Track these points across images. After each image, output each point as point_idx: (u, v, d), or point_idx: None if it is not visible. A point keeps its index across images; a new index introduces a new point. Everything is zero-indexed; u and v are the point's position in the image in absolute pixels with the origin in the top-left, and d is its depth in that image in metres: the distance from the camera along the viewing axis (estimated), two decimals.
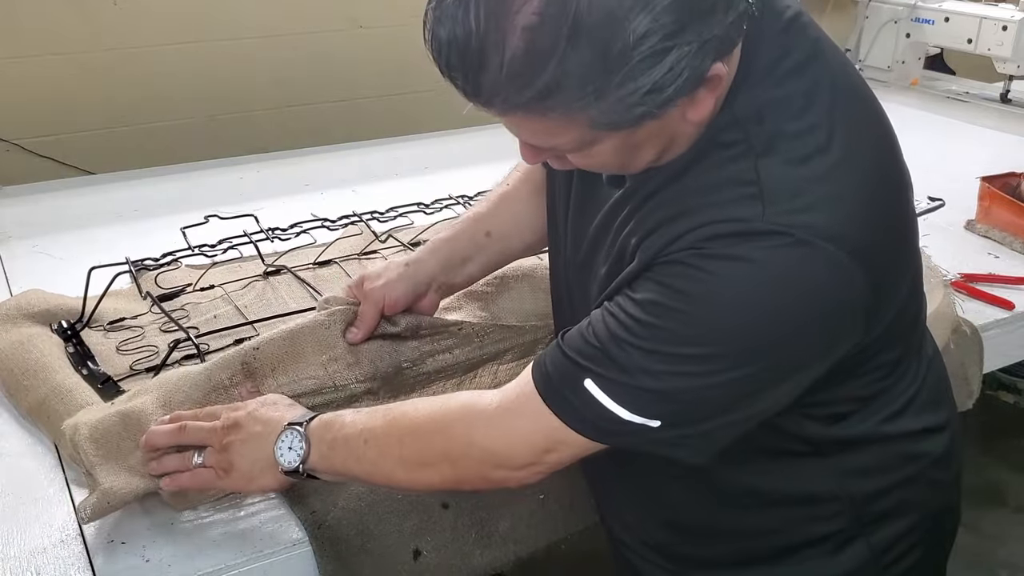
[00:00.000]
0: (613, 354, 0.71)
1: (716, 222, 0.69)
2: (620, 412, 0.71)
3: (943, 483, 0.89)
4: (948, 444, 0.88)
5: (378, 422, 0.84)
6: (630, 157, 0.73)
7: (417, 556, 0.90)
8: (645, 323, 0.70)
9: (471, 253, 1.06)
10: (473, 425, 0.79)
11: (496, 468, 0.80)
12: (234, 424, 0.88)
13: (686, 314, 0.69)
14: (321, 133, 2.34)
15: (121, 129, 2.25)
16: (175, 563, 0.85)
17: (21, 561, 0.85)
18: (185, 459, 0.88)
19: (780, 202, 0.68)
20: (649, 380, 0.70)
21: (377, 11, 2.47)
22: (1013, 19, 2.09)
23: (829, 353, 0.74)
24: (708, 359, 0.69)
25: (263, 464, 0.86)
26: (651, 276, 0.72)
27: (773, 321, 0.69)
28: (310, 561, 0.88)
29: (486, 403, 0.79)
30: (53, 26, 2.11)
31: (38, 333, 1.14)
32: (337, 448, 0.84)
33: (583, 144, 0.69)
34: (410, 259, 1.05)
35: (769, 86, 0.72)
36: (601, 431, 0.74)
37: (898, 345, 0.81)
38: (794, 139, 0.70)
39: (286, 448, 0.85)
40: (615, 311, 0.72)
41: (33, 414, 1.04)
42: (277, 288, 1.31)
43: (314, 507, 0.92)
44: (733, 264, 0.68)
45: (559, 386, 0.74)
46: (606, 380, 0.71)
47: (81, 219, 1.62)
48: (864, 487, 0.83)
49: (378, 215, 1.48)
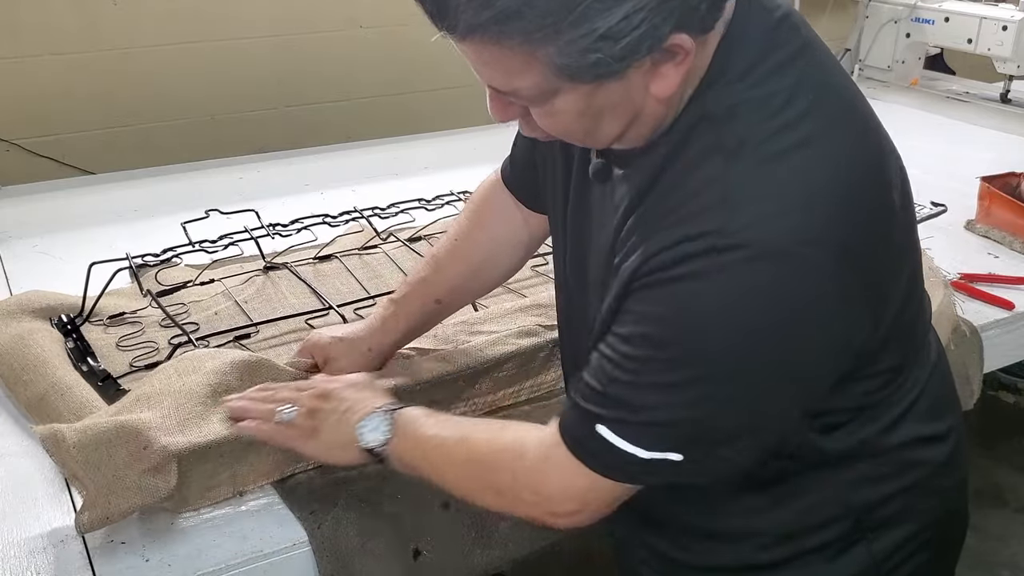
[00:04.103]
0: (612, 395, 0.71)
1: (684, 240, 0.67)
2: (637, 452, 0.71)
3: (947, 490, 0.87)
4: (951, 452, 0.87)
5: (450, 430, 0.86)
6: (593, 124, 0.71)
7: (417, 556, 0.90)
8: (632, 357, 0.70)
9: (424, 323, 1.08)
10: (518, 473, 0.80)
11: (541, 511, 0.80)
12: (326, 394, 0.91)
13: (667, 340, 0.69)
14: (321, 133, 2.35)
15: (121, 129, 2.25)
16: (175, 563, 0.85)
17: (21, 561, 0.85)
18: (270, 413, 0.90)
19: (749, 207, 0.67)
20: (652, 414, 0.70)
21: (377, 11, 2.47)
22: (1013, 19, 2.09)
23: (840, 355, 0.72)
24: (699, 382, 0.69)
25: (345, 439, 0.88)
26: (629, 306, 0.71)
27: (753, 335, 0.67)
28: (310, 561, 0.88)
29: (529, 444, 0.80)
30: (53, 26, 2.11)
31: (38, 328, 1.14)
32: (412, 442, 0.86)
33: (542, 93, 0.69)
34: (368, 330, 1.06)
35: (747, 85, 0.70)
36: (628, 474, 0.74)
37: (897, 350, 0.79)
38: (767, 139, 0.68)
39: (372, 428, 0.87)
40: (606, 351, 0.72)
41: (32, 410, 1.04)
42: (277, 283, 1.31)
43: (314, 507, 0.92)
44: (702, 283, 0.67)
45: (579, 436, 0.74)
46: (615, 423, 0.71)
47: (81, 219, 1.62)
48: (864, 495, 0.82)
49: (379, 211, 1.48)
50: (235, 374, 0.99)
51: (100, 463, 0.86)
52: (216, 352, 1.04)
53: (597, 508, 0.78)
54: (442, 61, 2.65)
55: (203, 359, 1.01)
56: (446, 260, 1.07)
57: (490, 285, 1.12)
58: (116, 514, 0.85)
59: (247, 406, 0.93)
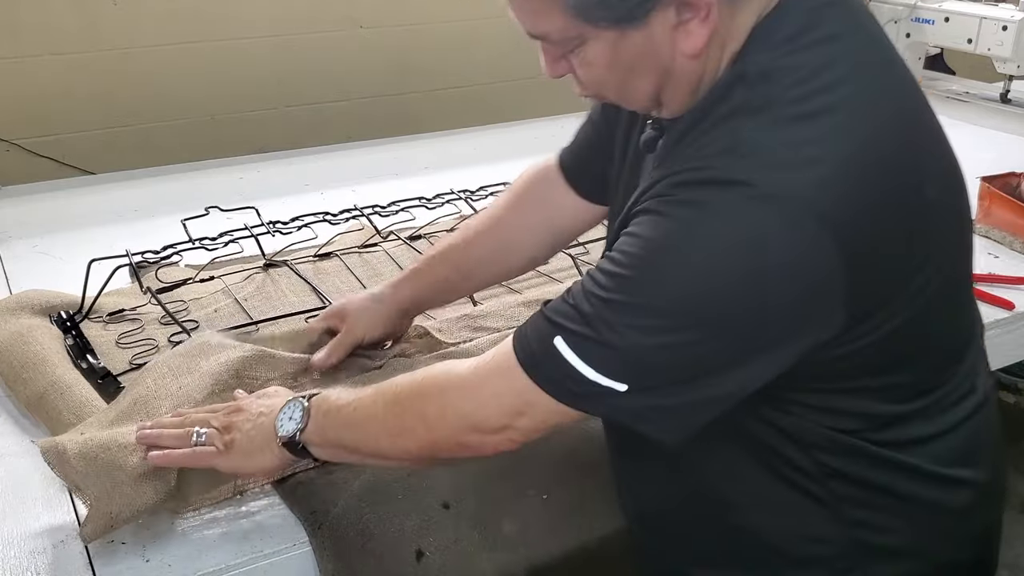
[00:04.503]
0: (581, 308, 0.71)
1: (686, 170, 0.69)
2: (585, 371, 0.70)
3: (964, 537, 0.83)
4: (973, 501, 0.82)
5: (366, 392, 0.86)
6: (625, 77, 0.74)
7: (420, 557, 0.90)
8: (609, 273, 0.70)
9: (443, 290, 1.12)
10: (447, 388, 0.80)
11: (469, 431, 0.79)
12: (237, 408, 0.91)
13: (644, 262, 0.69)
14: (321, 133, 2.35)
15: (121, 129, 2.25)
16: (175, 563, 0.85)
17: (21, 561, 0.85)
18: (184, 437, 0.88)
19: (755, 157, 0.67)
20: (609, 334, 0.69)
21: (377, 11, 2.47)
22: (1013, 19, 2.09)
23: (796, 333, 0.70)
24: (661, 312, 0.68)
25: (262, 441, 0.87)
26: (626, 230, 0.72)
27: (724, 275, 0.67)
28: (310, 561, 0.88)
29: (461, 368, 0.80)
30: (53, 26, 2.11)
31: (38, 325, 1.14)
32: (330, 416, 0.85)
33: (569, 39, 0.72)
34: (385, 291, 1.10)
35: (786, 52, 0.71)
36: (569, 392, 0.73)
37: (908, 369, 0.76)
38: (790, 104, 0.69)
39: (286, 419, 0.86)
40: (592, 269, 0.73)
41: (32, 408, 1.04)
42: (277, 281, 1.31)
43: (314, 507, 0.91)
44: (690, 209, 0.68)
45: (532, 346, 0.74)
46: (573, 335, 0.71)
47: (81, 219, 1.62)
48: (863, 519, 0.79)
49: (379, 209, 1.48)
50: (230, 372, 0.99)
51: (100, 471, 0.86)
52: (208, 347, 1.03)
53: (527, 427, 0.77)
54: (442, 61, 2.66)
55: (196, 357, 1.01)
56: (475, 234, 1.09)
57: (514, 269, 1.14)
58: (119, 521, 0.85)
59: (158, 435, 0.89)
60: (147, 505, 0.86)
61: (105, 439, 0.89)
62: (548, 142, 2.12)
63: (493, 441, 0.79)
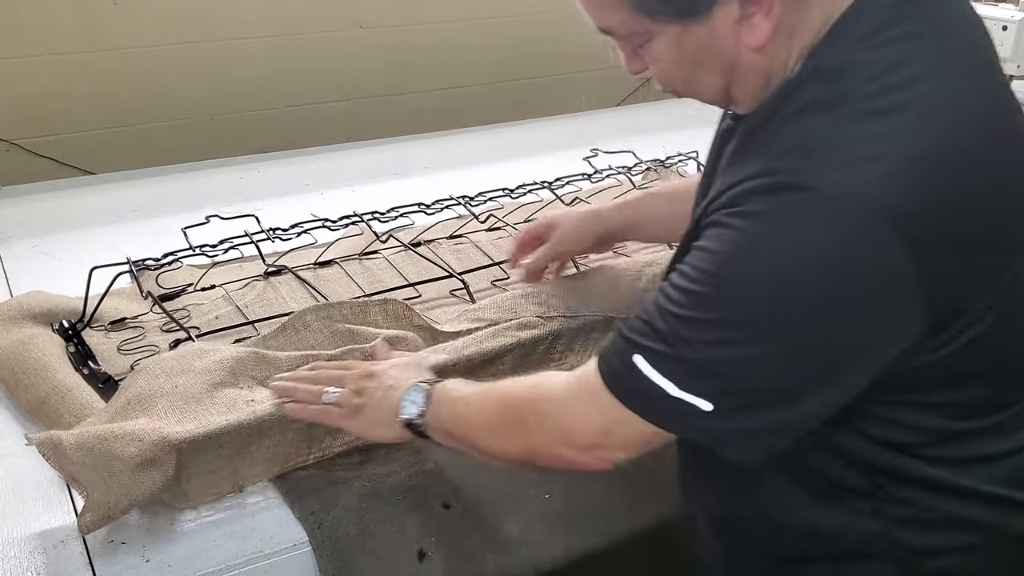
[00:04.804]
0: (656, 325, 0.71)
1: (755, 177, 0.68)
2: (667, 387, 0.70)
3: (1020, 564, 0.79)
4: None
5: (477, 388, 0.89)
6: (691, 72, 0.75)
7: (422, 557, 0.90)
8: (682, 289, 0.70)
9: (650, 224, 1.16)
10: (544, 400, 0.82)
11: (563, 446, 0.80)
12: (371, 374, 0.95)
13: (714, 276, 0.69)
14: (321, 133, 2.35)
15: (121, 129, 2.25)
16: (175, 563, 0.85)
17: (21, 561, 0.85)
18: (317, 394, 0.94)
19: (822, 155, 0.66)
20: (687, 350, 0.69)
21: (377, 11, 2.47)
22: (1013, 19, 2.09)
23: (876, 338, 0.68)
24: (733, 326, 0.68)
25: (388, 414, 0.91)
26: (696, 243, 0.72)
27: (795, 284, 0.66)
28: (310, 561, 0.89)
29: (557, 381, 0.82)
30: (53, 26, 2.10)
31: (39, 333, 1.14)
32: (446, 407, 0.89)
33: (633, 34, 0.74)
34: (602, 210, 1.19)
35: (862, 48, 0.70)
36: (653, 410, 0.73)
37: (984, 383, 0.73)
38: (863, 99, 0.68)
39: (409, 402, 0.90)
40: (664, 285, 0.73)
41: (33, 413, 1.04)
42: (278, 288, 1.31)
43: (314, 507, 0.92)
44: (757, 220, 0.67)
45: (614, 363, 0.75)
46: (652, 353, 0.71)
47: (81, 219, 1.62)
48: (914, 539, 0.76)
49: (379, 215, 1.48)
50: (225, 371, 0.99)
51: (97, 462, 0.86)
52: (202, 350, 1.04)
53: (619, 446, 0.78)
54: (442, 61, 2.66)
55: (190, 359, 1.01)
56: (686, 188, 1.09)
57: None
58: (117, 511, 0.85)
59: (293, 387, 0.95)
60: (145, 495, 0.86)
61: (102, 430, 0.89)
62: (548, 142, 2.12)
63: (585, 459, 0.80)
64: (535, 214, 1.53)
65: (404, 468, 0.98)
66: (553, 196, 1.56)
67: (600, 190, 1.63)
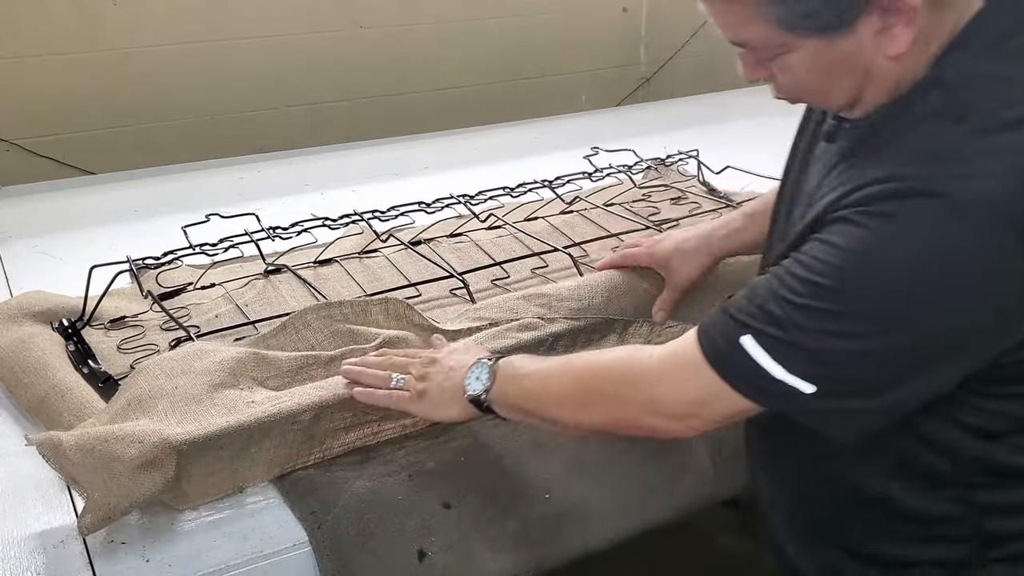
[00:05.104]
0: (770, 310, 0.74)
1: (882, 180, 0.71)
2: (774, 369, 0.73)
3: None
4: None
5: (546, 363, 0.92)
6: (825, 81, 0.76)
7: (422, 557, 0.90)
8: (803, 279, 0.73)
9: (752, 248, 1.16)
10: (635, 373, 0.85)
11: (652, 415, 0.84)
12: (432, 360, 0.99)
13: (840, 271, 0.71)
14: (321, 133, 2.35)
15: (121, 129, 2.26)
16: (175, 563, 0.85)
17: (21, 561, 0.85)
18: (385, 379, 0.98)
19: (959, 166, 0.68)
20: (802, 337, 0.72)
21: (377, 11, 2.48)
22: None
23: (986, 339, 0.72)
24: (857, 319, 0.71)
25: (452, 394, 0.95)
26: (818, 236, 0.74)
27: (917, 283, 0.69)
28: (310, 561, 0.88)
29: (647, 355, 0.85)
30: (53, 26, 2.11)
31: (39, 332, 1.14)
32: (513, 382, 0.92)
33: (770, 47, 0.75)
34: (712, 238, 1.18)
35: (992, 59, 0.72)
36: (753, 388, 0.76)
37: None
38: (995, 111, 0.70)
39: (474, 379, 0.94)
40: (779, 271, 0.75)
41: (33, 412, 1.04)
42: (278, 287, 1.31)
43: (314, 507, 0.91)
44: (887, 221, 0.69)
45: (718, 342, 0.77)
46: (762, 335, 0.74)
47: (81, 219, 1.62)
48: (997, 524, 0.80)
49: (379, 214, 1.48)
50: (225, 372, 0.99)
51: (97, 463, 0.86)
52: (202, 351, 1.03)
53: (710, 417, 0.81)
54: (442, 61, 2.66)
55: (190, 360, 1.01)
56: None
57: None
58: (117, 512, 0.85)
59: (360, 372, 0.99)
60: (145, 496, 0.86)
61: (102, 431, 0.89)
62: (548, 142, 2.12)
63: (675, 427, 0.84)
64: (535, 213, 1.53)
65: (404, 468, 0.98)
66: (553, 195, 1.56)
67: (600, 189, 1.63)
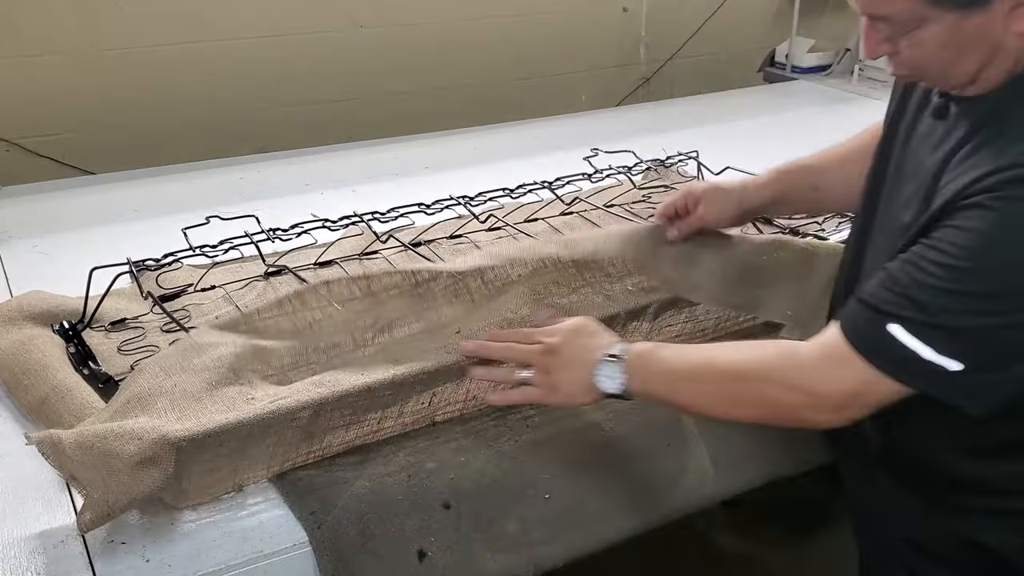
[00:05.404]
0: (914, 296, 0.78)
1: (1008, 168, 0.75)
2: (922, 351, 0.78)
3: None
4: None
5: (694, 361, 0.93)
6: (954, 57, 0.79)
7: (422, 557, 0.90)
8: (942, 264, 0.77)
9: (794, 200, 1.19)
10: (788, 373, 0.87)
11: (812, 410, 0.87)
12: (552, 350, 0.98)
13: (978, 253, 0.75)
14: (321, 133, 2.35)
15: (121, 129, 2.26)
16: (175, 563, 0.85)
17: (21, 561, 0.85)
18: (510, 373, 1.00)
19: None
20: (948, 319, 0.77)
21: (377, 11, 2.48)
22: None
23: None
24: (1001, 297, 0.75)
25: (583, 386, 0.96)
26: (948, 220, 0.78)
27: None
28: (310, 561, 0.89)
29: (802, 351, 0.88)
30: (53, 26, 2.11)
31: (39, 334, 1.14)
32: (655, 381, 0.94)
33: (909, 20, 0.78)
34: (747, 185, 1.18)
35: None
36: (906, 372, 0.80)
37: None
38: None
39: (605, 377, 0.94)
40: (914, 259, 0.79)
41: (33, 413, 1.04)
42: (278, 288, 1.31)
43: (314, 507, 0.92)
44: (1019, 205, 0.74)
45: (866, 333, 0.82)
46: (908, 322, 0.78)
47: (81, 219, 1.62)
48: None
49: (379, 215, 1.49)
50: (225, 368, 0.99)
51: (96, 460, 0.86)
52: (199, 346, 1.03)
53: (863, 406, 0.85)
54: (442, 61, 2.66)
55: (189, 356, 1.01)
56: (835, 160, 1.15)
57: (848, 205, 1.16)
58: (116, 510, 0.85)
59: (492, 371, 1.02)
60: (144, 493, 0.86)
61: (101, 429, 0.89)
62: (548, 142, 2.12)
63: (831, 419, 0.87)
64: (535, 214, 1.53)
65: (404, 468, 0.98)
66: (553, 196, 1.56)
67: (600, 190, 1.63)
